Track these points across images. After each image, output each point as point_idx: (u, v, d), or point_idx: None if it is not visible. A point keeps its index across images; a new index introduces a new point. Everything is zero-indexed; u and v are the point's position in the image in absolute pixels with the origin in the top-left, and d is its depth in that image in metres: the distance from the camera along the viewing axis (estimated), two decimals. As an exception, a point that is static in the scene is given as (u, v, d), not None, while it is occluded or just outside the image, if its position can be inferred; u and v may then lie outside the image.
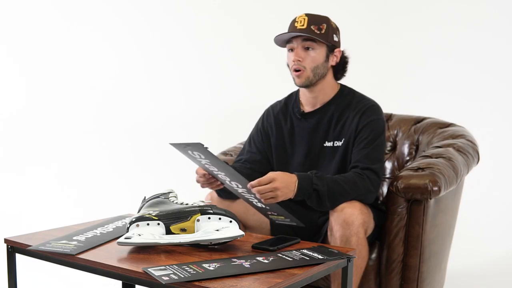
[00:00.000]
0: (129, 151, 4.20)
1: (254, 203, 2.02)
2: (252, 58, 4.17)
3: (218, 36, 4.27)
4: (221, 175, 1.96)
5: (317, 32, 2.09)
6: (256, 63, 4.15)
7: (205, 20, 4.28)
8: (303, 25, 2.09)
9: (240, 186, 1.96)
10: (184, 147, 1.86)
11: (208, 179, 2.04)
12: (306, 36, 2.08)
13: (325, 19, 2.13)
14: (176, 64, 4.28)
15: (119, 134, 4.22)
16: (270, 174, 1.92)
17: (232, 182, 1.96)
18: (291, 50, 2.14)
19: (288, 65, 2.18)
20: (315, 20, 2.10)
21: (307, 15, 2.12)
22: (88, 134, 4.23)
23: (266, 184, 1.89)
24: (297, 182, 1.95)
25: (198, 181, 2.08)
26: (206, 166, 1.95)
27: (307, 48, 2.10)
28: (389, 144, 2.58)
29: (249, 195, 1.98)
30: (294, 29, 2.11)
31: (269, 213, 2.05)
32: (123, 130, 4.23)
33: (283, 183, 1.92)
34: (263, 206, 2.00)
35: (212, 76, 4.27)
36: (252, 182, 1.89)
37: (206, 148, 1.81)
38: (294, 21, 2.13)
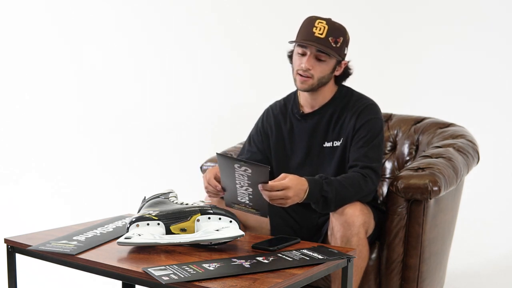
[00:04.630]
0: (129, 151, 4.20)
1: (239, 198, 1.93)
2: (251, 59, 4.17)
3: (220, 37, 4.27)
4: (239, 186, 1.88)
5: (333, 46, 2.04)
6: (256, 63, 4.15)
7: (209, 21, 4.28)
8: (321, 34, 2.03)
9: (246, 184, 1.87)
10: (231, 162, 1.79)
11: (218, 191, 2.01)
12: (323, 49, 2.05)
13: (343, 32, 2.08)
14: (176, 65, 4.28)
15: (119, 134, 4.23)
16: (286, 182, 1.86)
17: (244, 186, 1.87)
18: (302, 54, 2.08)
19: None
20: (334, 31, 2.05)
21: (327, 23, 2.04)
22: (89, 134, 4.23)
23: (279, 190, 1.85)
24: (307, 190, 1.91)
25: (207, 188, 2.05)
26: (237, 180, 1.86)
27: (319, 59, 2.07)
28: (389, 144, 2.57)
29: (244, 191, 1.90)
30: (312, 36, 2.03)
31: (244, 206, 1.95)
32: (123, 130, 4.24)
33: (295, 191, 1.88)
34: (247, 202, 1.92)
35: (212, 77, 4.27)
36: (266, 186, 1.82)
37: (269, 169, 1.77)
38: (313, 25, 2.05)
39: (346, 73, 2.18)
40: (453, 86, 4.02)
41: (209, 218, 1.71)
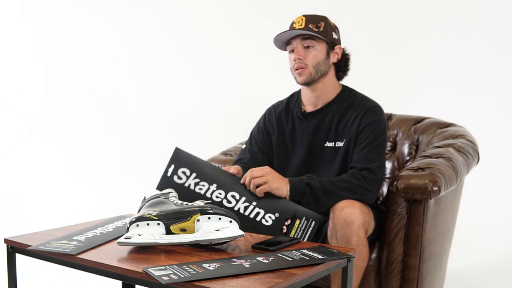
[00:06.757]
0: (129, 151, 4.20)
1: (259, 219, 2.00)
2: (252, 58, 4.17)
3: (218, 34, 4.27)
4: (216, 192, 1.97)
5: (315, 30, 2.09)
6: (256, 62, 4.15)
7: (206, 19, 4.28)
8: (301, 25, 2.10)
9: (237, 195, 1.97)
10: (168, 176, 1.88)
11: None
12: (305, 34, 2.09)
13: (323, 18, 2.14)
14: (177, 64, 4.28)
15: (119, 134, 4.22)
16: (262, 167, 2.04)
17: (229, 194, 1.96)
18: (292, 51, 2.14)
19: (291, 69, 2.18)
20: (313, 19, 2.11)
21: (304, 15, 2.13)
22: (88, 134, 4.23)
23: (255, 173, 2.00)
24: (288, 180, 2.02)
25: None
26: (198, 189, 1.95)
27: (307, 47, 2.11)
28: (389, 144, 2.58)
29: (248, 203, 1.98)
30: (293, 30, 2.11)
31: (286, 223, 2.02)
32: (123, 130, 4.23)
33: (274, 172, 2.01)
34: (272, 215, 2.00)
35: (212, 76, 4.27)
36: (245, 175, 2.00)
37: (182, 150, 1.85)
38: (292, 22, 2.14)
39: (345, 59, 2.20)
40: (453, 86, 4.01)
41: (209, 218, 1.71)
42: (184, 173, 1.90)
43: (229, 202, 1.97)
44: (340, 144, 2.14)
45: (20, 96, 4.25)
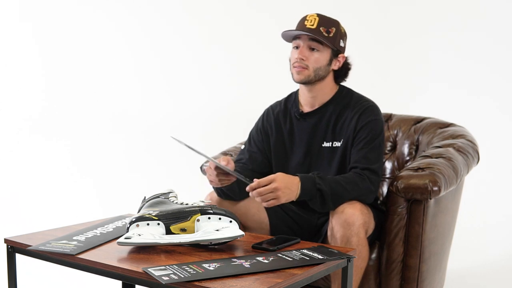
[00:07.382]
0: (129, 151, 4.20)
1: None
2: (252, 58, 4.17)
3: (218, 34, 4.27)
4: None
5: (325, 35, 2.08)
6: (256, 62, 4.15)
7: (206, 19, 4.28)
8: (312, 25, 2.08)
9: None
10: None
11: (221, 176, 2.05)
12: (314, 36, 2.08)
13: (336, 23, 2.12)
14: (177, 64, 4.28)
15: (119, 134, 4.23)
16: (270, 176, 1.92)
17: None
18: (296, 47, 2.13)
19: (289, 60, 2.17)
20: (325, 22, 2.10)
21: (318, 15, 2.10)
22: (88, 134, 4.23)
23: (266, 185, 1.89)
24: (299, 183, 1.95)
25: (211, 183, 2.10)
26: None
27: (313, 49, 2.10)
28: (389, 144, 2.57)
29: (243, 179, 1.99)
30: (303, 27, 2.09)
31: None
32: (123, 130, 4.23)
33: (283, 183, 1.91)
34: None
35: (212, 76, 4.27)
36: (252, 184, 1.90)
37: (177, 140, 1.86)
38: (304, 19, 2.12)
39: (346, 69, 2.19)
40: (453, 86, 4.02)
41: (209, 218, 1.71)
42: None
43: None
44: (337, 144, 2.14)
45: (20, 96, 4.25)
